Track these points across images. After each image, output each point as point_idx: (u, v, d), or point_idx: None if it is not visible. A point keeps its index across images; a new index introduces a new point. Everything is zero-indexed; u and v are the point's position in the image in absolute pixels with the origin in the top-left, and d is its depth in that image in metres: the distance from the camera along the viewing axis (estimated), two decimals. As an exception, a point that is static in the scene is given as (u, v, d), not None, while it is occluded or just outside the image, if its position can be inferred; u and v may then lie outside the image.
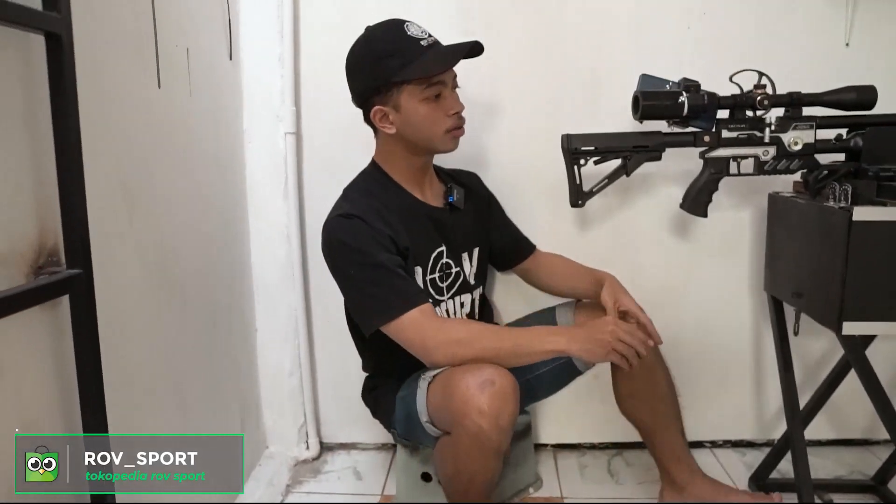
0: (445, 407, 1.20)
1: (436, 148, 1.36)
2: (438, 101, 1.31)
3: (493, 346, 1.21)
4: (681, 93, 1.32)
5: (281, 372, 1.82)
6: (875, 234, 1.18)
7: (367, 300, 1.27)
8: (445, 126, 1.32)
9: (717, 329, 1.82)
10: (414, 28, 1.31)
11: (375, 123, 1.34)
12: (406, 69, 1.26)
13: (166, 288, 1.29)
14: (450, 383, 1.18)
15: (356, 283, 1.28)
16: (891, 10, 1.66)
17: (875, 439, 1.86)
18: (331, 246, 1.30)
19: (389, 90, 1.29)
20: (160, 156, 1.27)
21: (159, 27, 1.22)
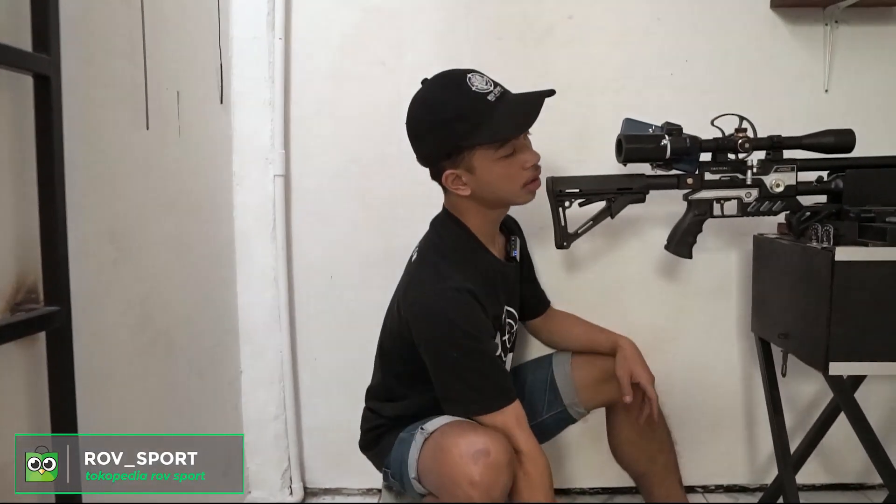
0: (436, 471, 1.15)
1: (513, 203, 1.30)
2: (513, 157, 1.23)
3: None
4: (663, 136, 1.34)
5: (265, 416, 1.79)
6: (858, 274, 1.19)
7: (467, 389, 1.19)
8: (522, 181, 1.25)
9: (706, 372, 1.81)
10: (478, 80, 1.21)
11: (448, 187, 1.26)
12: (476, 133, 1.18)
13: (151, 334, 1.28)
14: (442, 447, 1.14)
15: (458, 369, 1.19)
16: (867, 58, 1.70)
17: (870, 483, 1.83)
18: (434, 320, 1.19)
19: (461, 153, 1.21)
20: (149, 198, 1.28)
21: (150, 70, 1.24)
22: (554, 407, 1.47)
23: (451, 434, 1.14)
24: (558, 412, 1.46)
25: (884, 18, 1.69)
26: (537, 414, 1.48)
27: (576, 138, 1.72)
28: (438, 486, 1.15)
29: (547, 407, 1.47)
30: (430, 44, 1.71)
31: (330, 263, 1.77)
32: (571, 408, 1.46)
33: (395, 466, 1.32)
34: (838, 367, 1.23)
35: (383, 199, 1.74)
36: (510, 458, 1.12)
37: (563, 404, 1.46)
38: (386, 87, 1.71)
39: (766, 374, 1.50)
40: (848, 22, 1.69)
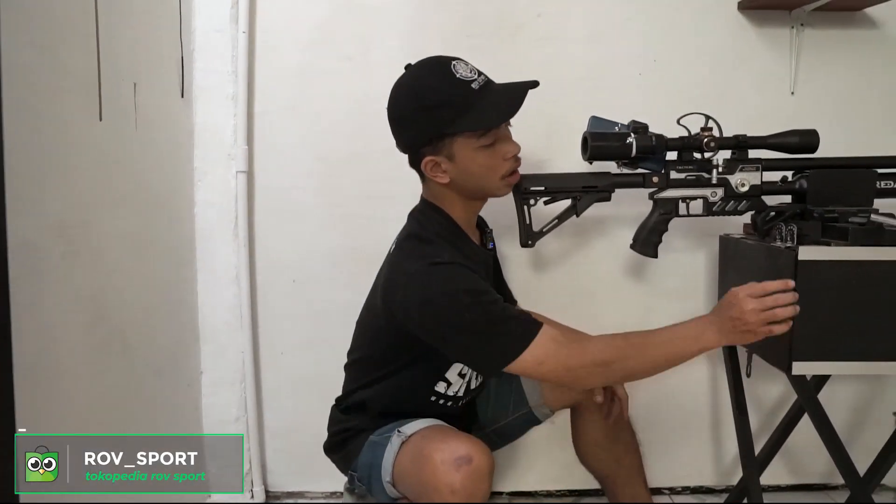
0: (415, 477, 1.12)
1: (491, 194, 1.28)
2: (494, 147, 1.21)
3: (642, 364, 1.15)
4: (629, 134, 1.33)
5: (227, 417, 1.75)
6: (821, 273, 1.20)
7: (494, 339, 1.13)
8: (502, 171, 1.23)
9: (673, 373, 1.77)
10: (462, 68, 1.20)
11: (427, 174, 1.24)
12: (460, 120, 1.17)
13: (104, 332, 1.24)
14: (423, 453, 1.11)
15: (474, 327, 1.12)
16: (831, 62, 1.72)
17: (833, 484, 1.84)
18: (429, 299, 1.14)
19: (442, 140, 1.19)
20: (102, 192, 1.24)
21: (104, 58, 1.21)
22: (519, 408, 1.45)
23: (433, 439, 1.12)
24: (523, 414, 1.45)
25: (848, 22, 1.71)
26: (503, 416, 1.46)
27: (545, 137, 1.71)
28: (417, 492, 1.12)
29: (512, 409, 1.45)
30: (399, 40, 1.68)
31: (295, 262, 1.73)
32: (537, 409, 1.45)
33: (364, 470, 1.29)
34: (801, 367, 1.23)
35: (350, 197, 1.71)
36: (492, 466, 1.10)
37: (529, 406, 1.45)
38: (353, 84, 1.69)
39: (731, 375, 1.50)
40: (813, 25, 1.71)
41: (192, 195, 1.68)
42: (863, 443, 1.72)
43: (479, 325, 1.12)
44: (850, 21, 1.71)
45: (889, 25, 1.72)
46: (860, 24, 1.71)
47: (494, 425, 1.46)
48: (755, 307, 1.11)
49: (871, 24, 1.72)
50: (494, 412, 1.46)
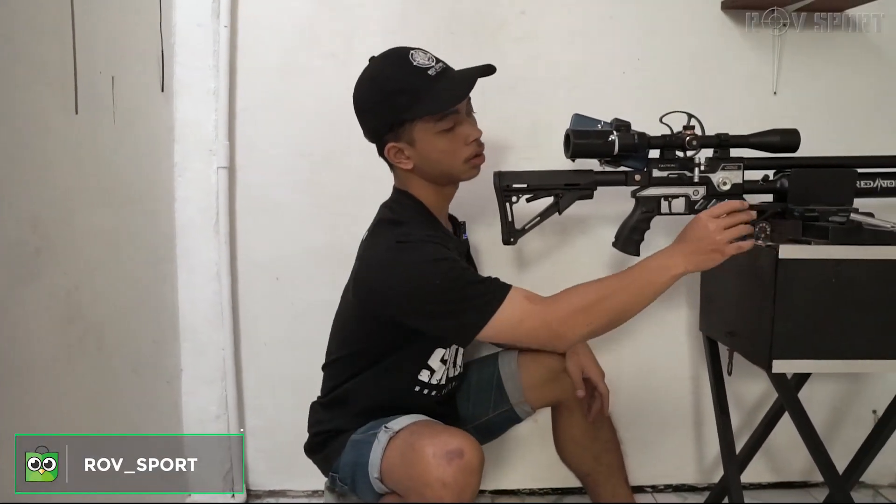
0: (404, 471, 1.12)
1: (458, 178, 1.29)
2: (454, 131, 1.23)
3: (620, 302, 1.15)
4: (612, 132, 1.33)
5: (207, 416, 1.73)
6: (801, 271, 1.20)
7: (467, 303, 1.13)
8: (464, 155, 1.25)
9: (655, 371, 1.81)
10: (420, 56, 1.23)
11: (391, 160, 1.27)
12: (416, 106, 1.19)
13: (80, 329, 1.22)
14: (414, 447, 1.10)
15: (446, 294, 1.13)
16: (813, 63, 1.73)
17: (813, 482, 1.86)
18: (400, 274, 1.15)
19: (402, 126, 1.22)
20: (78, 187, 1.22)
21: (80, 51, 1.19)
22: (500, 406, 1.45)
23: (423, 434, 1.12)
24: (504, 411, 1.45)
25: (830, 23, 1.71)
26: (483, 413, 1.46)
27: (528, 135, 1.71)
28: (406, 486, 1.12)
29: (493, 406, 1.45)
30: (383, 37, 1.67)
31: (276, 259, 1.72)
32: (518, 407, 1.45)
33: (347, 469, 1.28)
34: (781, 365, 1.23)
35: (331, 194, 1.70)
36: (482, 460, 1.10)
37: (510, 403, 1.44)
38: (336, 80, 1.65)
39: (713, 373, 1.50)
40: (796, 26, 1.71)
41: (171, 191, 1.66)
42: (842, 441, 1.73)
43: (450, 290, 1.13)
44: (833, 22, 1.72)
45: (871, 27, 1.73)
46: (842, 25, 1.72)
47: (475, 422, 1.45)
48: (719, 225, 1.13)
49: (853, 26, 1.73)
50: (475, 409, 1.46)
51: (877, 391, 1.83)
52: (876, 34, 1.72)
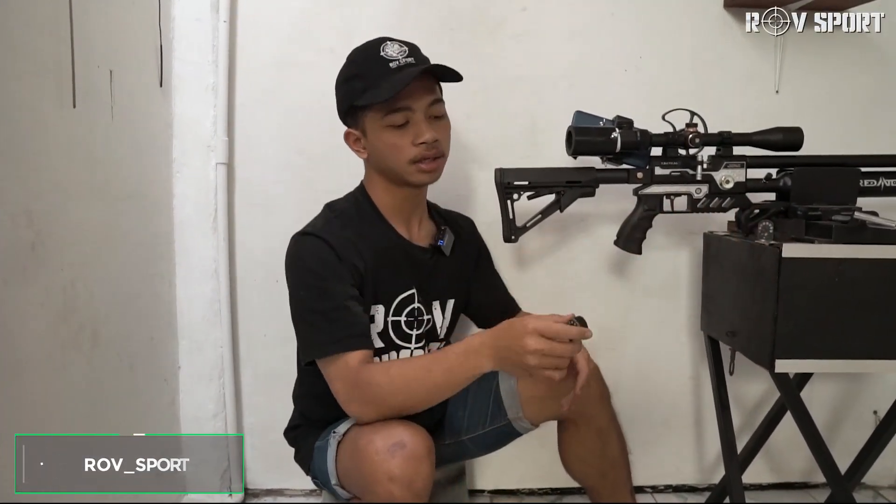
0: (356, 472, 1.11)
1: (404, 179, 1.24)
2: (405, 129, 1.20)
3: (407, 400, 1.11)
4: (614, 129, 1.32)
5: (204, 414, 1.72)
6: (804, 270, 1.19)
7: (308, 329, 1.18)
8: (409, 156, 1.20)
9: (656, 371, 1.80)
10: (392, 48, 1.21)
11: (350, 146, 1.28)
12: (366, 93, 1.18)
13: (75, 325, 1.20)
14: (358, 446, 1.10)
15: (302, 307, 1.19)
16: (816, 61, 1.72)
17: (814, 482, 1.85)
18: (290, 260, 1.23)
19: (356, 113, 1.22)
20: (75, 181, 1.21)
21: (78, 45, 1.17)
22: (497, 420, 1.37)
23: (366, 431, 1.10)
24: (502, 425, 1.37)
25: (832, 23, 1.70)
26: (479, 425, 1.39)
27: (527, 132, 1.70)
28: (360, 487, 1.11)
29: (490, 419, 1.38)
30: (381, 33, 1.62)
31: (273, 256, 1.66)
32: (516, 422, 1.36)
33: (320, 476, 1.28)
34: (784, 365, 1.22)
35: (328, 191, 1.65)
36: (429, 448, 1.08)
37: (507, 418, 1.36)
38: (334, 76, 1.64)
39: (715, 372, 1.49)
40: (797, 25, 1.70)
41: (170, 187, 1.64)
42: (843, 441, 1.72)
43: (305, 307, 1.18)
44: (834, 21, 1.71)
45: (872, 26, 1.72)
46: (843, 25, 1.71)
47: (470, 434, 1.39)
48: (538, 348, 1.01)
49: (854, 25, 1.71)
50: (470, 420, 1.39)
51: (877, 392, 1.82)
52: (877, 34, 1.70)
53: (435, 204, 1.44)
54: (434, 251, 1.33)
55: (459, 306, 1.42)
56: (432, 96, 1.22)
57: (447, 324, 1.39)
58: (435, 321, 1.36)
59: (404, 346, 1.32)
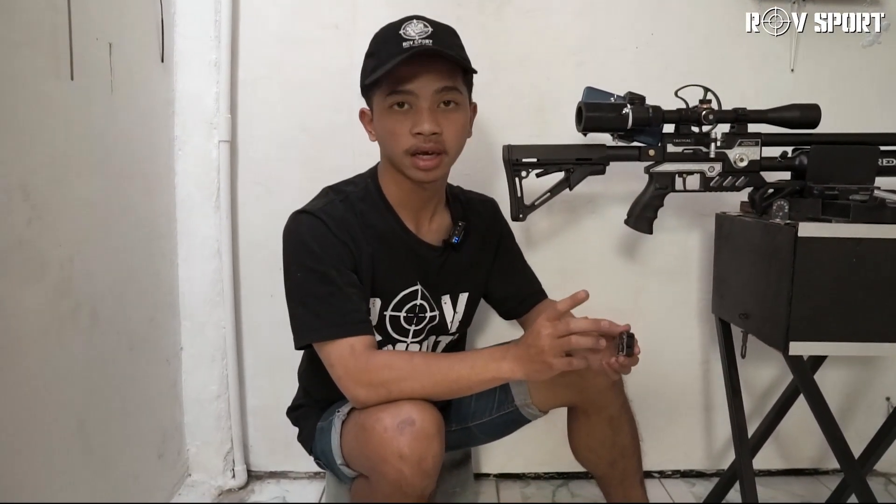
0: (361, 451, 1.09)
1: (401, 169, 1.16)
2: (405, 114, 1.12)
3: (423, 387, 1.06)
4: (625, 105, 1.29)
5: (207, 395, 1.70)
6: (820, 250, 1.16)
7: (304, 311, 1.13)
8: (405, 146, 1.12)
9: (665, 354, 1.77)
10: (414, 27, 1.11)
11: (364, 126, 1.23)
12: (375, 71, 1.11)
13: (72, 303, 1.18)
14: (365, 425, 1.06)
15: (299, 289, 1.15)
16: (832, 39, 1.67)
17: (824, 469, 1.83)
18: (287, 238, 1.18)
19: (367, 92, 1.17)
20: (73, 155, 1.18)
21: (75, 15, 1.14)
22: (504, 406, 1.35)
23: (371, 410, 1.07)
24: (509, 412, 1.35)
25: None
26: (486, 412, 1.37)
27: (535, 111, 1.67)
28: (368, 466, 1.08)
29: (497, 406, 1.35)
30: (386, 9, 1.59)
31: (276, 236, 1.64)
32: (524, 409, 1.33)
33: (323, 457, 1.27)
34: (799, 347, 1.19)
35: (332, 169, 1.62)
36: (439, 426, 1.05)
37: (515, 404, 1.34)
38: (338, 53, 1.63)
39: (726, 356, 1.46)
40: (815, 1, 1.66)
41: (171, 164, 1.62)
42: (855, 428, 1.69)
43: (301, 288, 1.14)
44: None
45: (892, 2, 1.67)
46: (861, 2, 1.67)
47: (477, 420, 1.37)
48: (551, 332, 1.01)
49: (873, 0, 1.67)
50: (477, 406, 1.37)
51: (891, 378, 1.80)
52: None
53: (458, 187, 1.39)
54: (445, 247, 1.28)
55: (475, 299, 1.37)
56: (442, 83, 1.11)
57: (459, 318, 1.35)
58: (444, 315, 1.32)
59: (400, 340, 1.28)
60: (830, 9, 1.66)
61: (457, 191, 1.38)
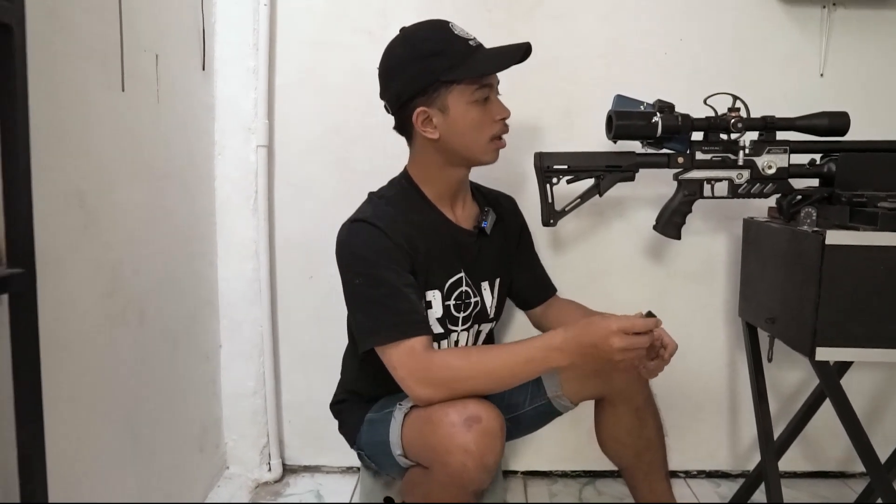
0: (425, 442, 1.13)
1: (477, 158, 1.26)
2: (486, 105, 1.22)
3: (483, 385, 1.13)
4: (655, 113, 1.31)
5: (244, 391, 1.76)
6: (848, 258, 1.17)
7: (364, 317, 1.19)
8: (491, 132, 1.23)
9: (691, 356, 1.79)
10: (459, 28, 1.22)
11: (416, 127, 1.23)
12: (457, 69, 1.18)
13: (122, 303, 1.23)
14: (431, 418, 1.11)
15: (358, 296, 1.20)
16: (863, 43, 1.68)
17: (850, 472, 1.84)
18: (342, 249, 1.22)
19: (437, 90, 1.19)
20: (123, 162, 1.23)
21: (126, 29, 1.20)
22: (537, 399, 1.39)
23: (438, 405, 1.11)
24: (541, 404, 1.39)
25: (881, 1, 1.66)
26: (519, 406, 1.41)
27: (563, 114, 1.69)
28: (429, 457, 1.13)
29: (529, 398, 1.40)
30: (416, 13, 1.61)
31: (312, 236, 1.73)
32: (555, 400, 1.38)
33: (370, 448, 1.31)
34: (825, 353, 1.21)
35: (364, 171, 1.69)
36: (502, 425, 1.10)
37: (547, 396, 1.38)
38: (370, 57, 1.63)
39: (752, 359, 1.48)
40: (845, 5, 1.66)
41: (211, 169, 1.68)
42: (883, 432, 1.70)
43: (360, 295, 1.19)
44: (884, 0, 1.66)
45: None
46: (894, 4, 1.66)
47: (511, 414, 1.39)
48: (624, 346, 1.06)
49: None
50: (511, 400, 1.40)
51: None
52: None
53: (477, 184, 1.44)
54: (478, 233, 1.34)
55: (506, 284, 1.44)
56: (498, 77, 1.26)
57: (496, 303, 1.41)
58: (484, 302, 1.38)
59: (453, 330, 1.33)
60: (861, 13, 1.66)
61: (478, 185, 1.45)
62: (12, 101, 0.85)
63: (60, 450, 1.00)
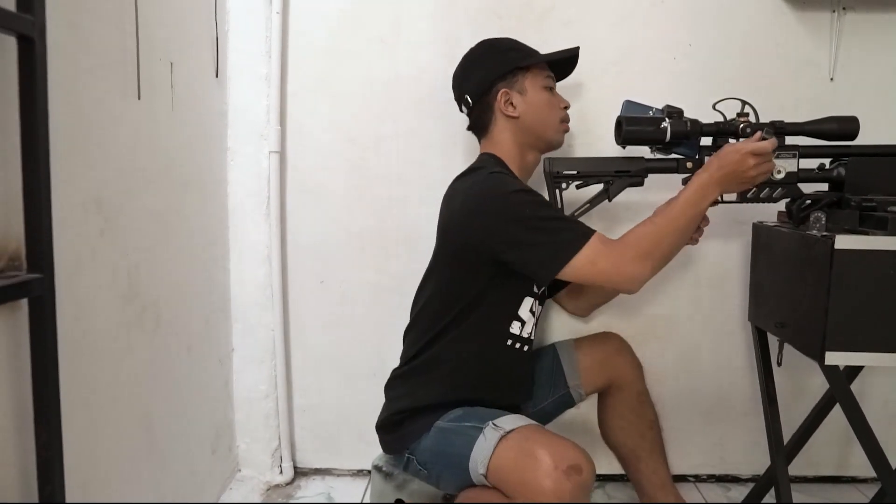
0: (519, 476, 1.12)
1: (550, 139, 1.41)
2: (553, 94, 1.42)
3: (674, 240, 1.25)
4: (664, 118, 1.32)
5: (256, 394, 1.78)
6: (857, 263, 1.17)
7: (554, 236, 1.21)
8: (560, 115, 1.41)
9: (702, 361, 1.80)
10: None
11: (499, 108, 1.38)
12: (529, 58, 1.39)
13: (138, 307, 1.25)
14: (532, 454, 1.11)
15: (535, 223, 1.21)
16: (873, 47, 1.68)
17: (862, 477, 1.83)
18: (496, 190, 1.26)
19: (515, 76, 1.38)
20: (139, 169, 1.25)
21: (142, 38, 1.22)
22: (557, 390, 1.52)
23: (539, 442, 1.14)
24: (561, 395, 1.52)
25: (892, 6, 1.66)
26: (543, 398, 1.52)
27: (574, 121, 1.68)
28: (517, 491, 1.13)
29: (552, 391, 1.52)
30: (429, 21, 1.68)
31: (323, 242, 1.75)
32: (574, 390, 1.52)
33: (428, 455, 1.29)
34: (835, 357, 1.21)
35: (377, 177, 1.72)
36: (594, 474, 1.14)
37: (567, 386, 1.52)
38: (383, 65, 1.69)
39: (762, 363, 1.48)
40: (855, 9, 1.67)
41: (224, 175, 1.70)
42: (894, 436, 1.69)
43: (538, 221, 1.22)
44: (895, 4, 1.66)
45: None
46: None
47: (537, 406, 1.52)
48: (759, 162, 1.25)
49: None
50: (538, 391, 1.52)
51: (931, 386, 1.79)
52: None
53: None
54: None
55: None
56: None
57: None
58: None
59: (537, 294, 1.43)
60: (870, 18, 1.66)
61: None
62: (33, 110, 0.87)
63: (78, 451, 1.02)
